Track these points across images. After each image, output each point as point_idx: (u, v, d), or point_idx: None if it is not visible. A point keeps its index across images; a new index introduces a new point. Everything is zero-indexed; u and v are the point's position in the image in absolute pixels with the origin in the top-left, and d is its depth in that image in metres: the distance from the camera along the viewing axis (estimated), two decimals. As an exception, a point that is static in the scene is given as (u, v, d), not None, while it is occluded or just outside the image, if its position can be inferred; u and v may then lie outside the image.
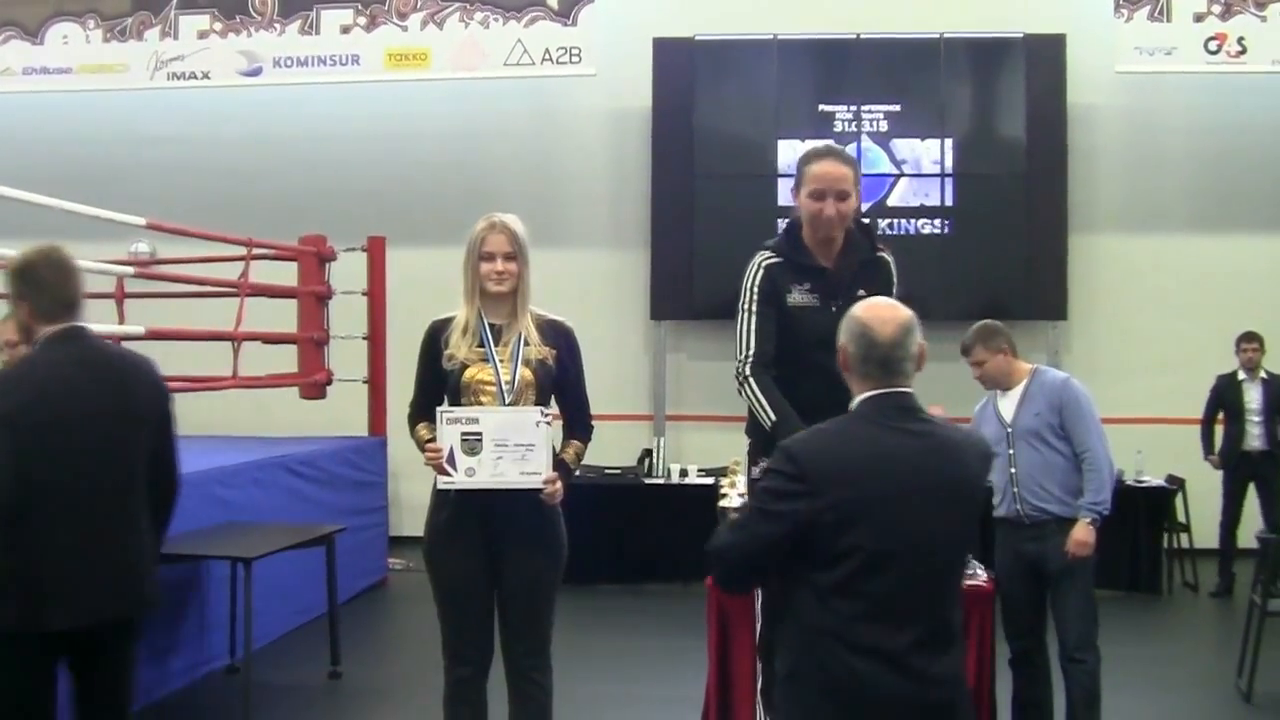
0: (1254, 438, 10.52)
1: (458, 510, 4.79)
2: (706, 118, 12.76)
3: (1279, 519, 10.20)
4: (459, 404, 4.81)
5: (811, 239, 4.94)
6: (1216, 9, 12.28)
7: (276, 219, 12.21)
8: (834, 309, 4.61)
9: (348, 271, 11.20)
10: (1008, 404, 6.31)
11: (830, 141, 6.04)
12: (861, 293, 4.60)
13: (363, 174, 13.30)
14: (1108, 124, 12.92)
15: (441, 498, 4.84)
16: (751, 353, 4.86)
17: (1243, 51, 12.25)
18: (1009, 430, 6.19)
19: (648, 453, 12.27)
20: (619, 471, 11.49)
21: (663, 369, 13.02)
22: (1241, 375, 10.63)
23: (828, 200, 4.81)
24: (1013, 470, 6.13)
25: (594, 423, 5.07)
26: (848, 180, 4.82)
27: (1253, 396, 10.56)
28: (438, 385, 4.88)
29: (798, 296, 4.89)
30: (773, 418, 4.69)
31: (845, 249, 4.94)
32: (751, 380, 4.82)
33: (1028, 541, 6.08)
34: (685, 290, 12.67)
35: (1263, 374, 10.59)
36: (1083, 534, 5.95)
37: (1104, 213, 12.90)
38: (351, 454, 10.46)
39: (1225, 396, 10.69)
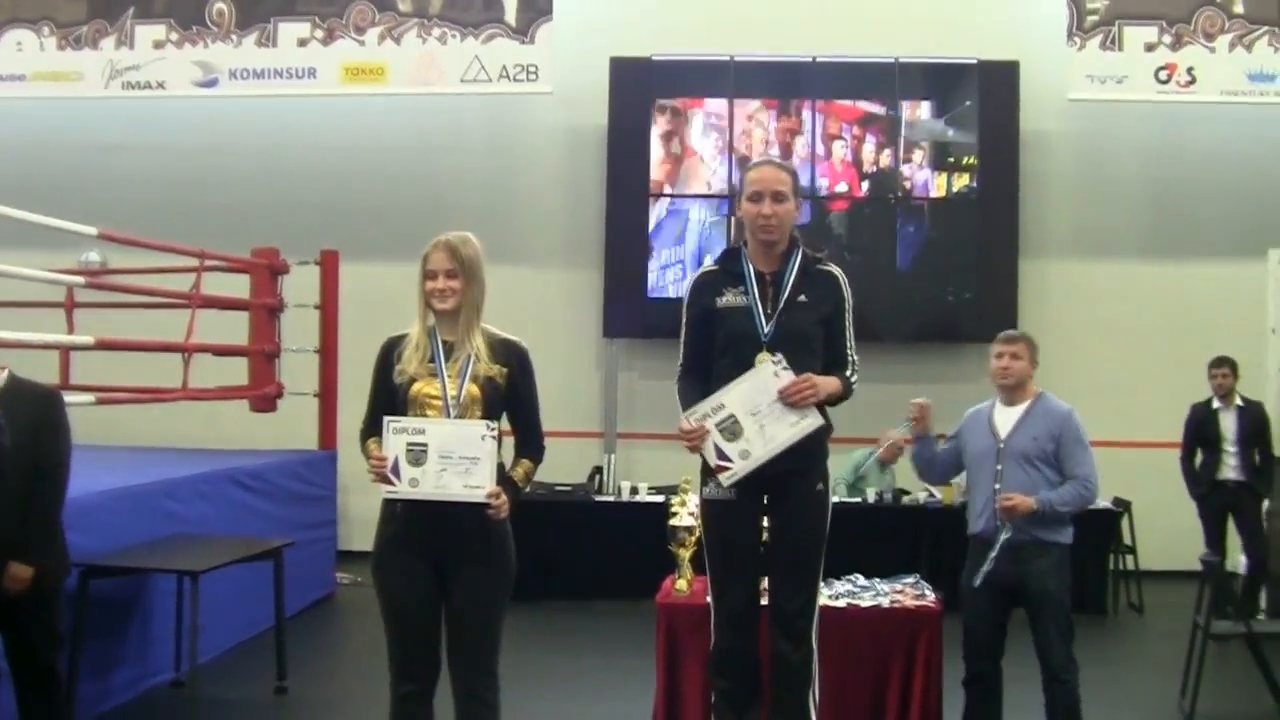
0: (1230, 468, 10.25)
1: (406, 525, 4.77)
2: (661, 136, 12.79)
3: (1260, 550, 10.11)
4: (405, 417, 4.78)
5: (754, 246, 5.20)
6: (1167, 39, 12.41)
7: (229, 231, 12.15)
8: (768, 310, 5.07)
9: (300, 285, 11.14)
10: (1004, 419, 6.18)
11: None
12: (803, 299, 5.07)
13: (317, 187, 13.25)
14: (1060, 150, 13.04)
15: (390, 512, 4.82)
16: (680, 363, 5.33)
17: (1192, 81, 12.39)
18: (1000, 446, 6.08)
19: (598, 470, 12.24)
20: (569, 488, 11.44)
21: (614, 387, 13.00)
22: (1216, 404, 10.33)
23: (765, 201, 5.08)
24: (997, 486, 6.01)
25: (545, 439, 5.05)
26: (784, 183, 5.10)
27: (1228, 425, 10.26)
28: (389, 400, 4.85)
29: (729, 298, 5.16)
30: (682, 413, 5.09)
31: (786, 256, 5.16)
32: (677, 387, 5.29)
33: (1004, 562, 5.97)
34: (637, 309, 12.69)
35: (1238, 401, 10.32)
36: (1023, 501, 5.91)
37: (1055, 238, 13.01)
38: (301, 468, 10.40)
39: (1202, 427, 10.37)
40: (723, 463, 4.97)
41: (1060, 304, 12.83)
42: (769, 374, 4.94)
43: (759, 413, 4.92)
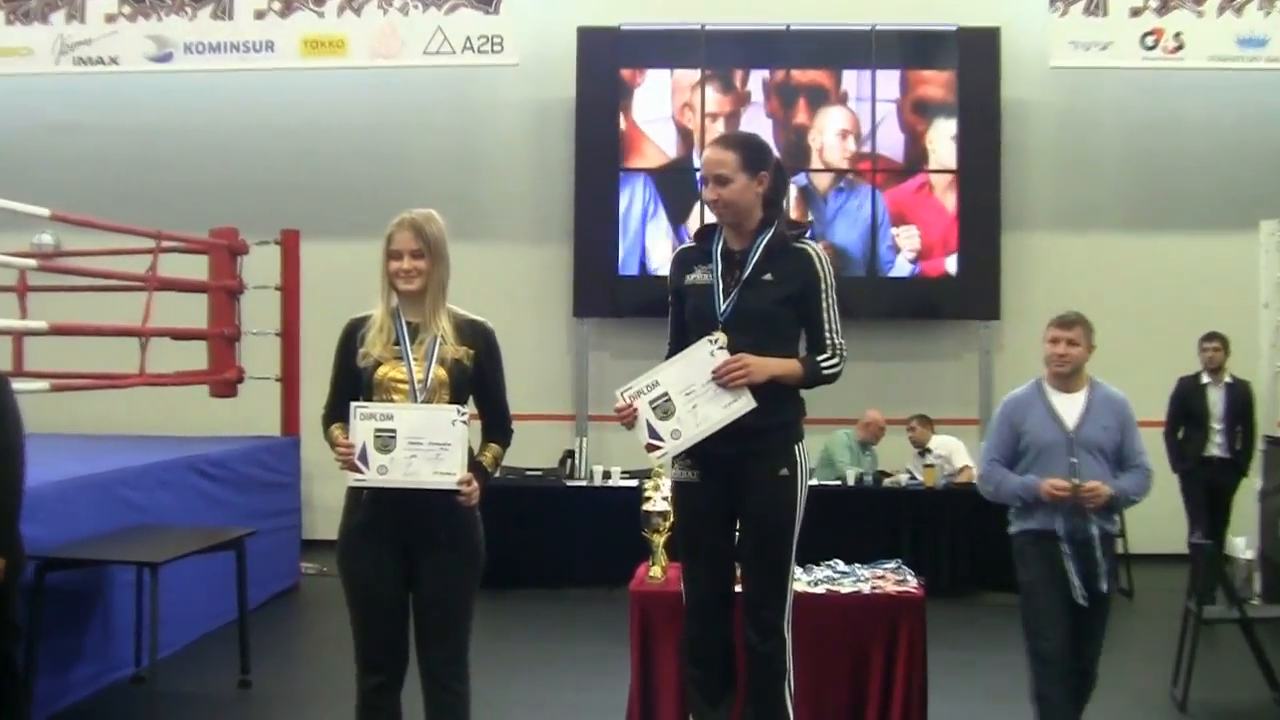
0: (1216, 445, 10.40)
1: (372, 513, 4.77)
2: (632, 109, 12.81)
3: (1222, 530, 10.22)
4: (371, 402, 4.78)
5: (724, 224, 5.21)
6: (1154, 4, 12.41)
7: (187, 211, 12.14)
8: (730, 288, 5.06)
9: (260, 266, 11.10)
10: (1068, 409, 6.00)
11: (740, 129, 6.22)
12: (767, 277, 5.03)
13: (277, 165, 13.24)
14: (1042, 120, 13.08)
15: (355, 500, 4.81)
16: (668, 343, 5.31)
17: (1180, 47, 12.38)
18: (1071, 437, 5.89)
19: (569, 454, 12.26)
20: (539, 473, 11.48)
21: (585, 368, 13.06)
22: (1205, 378, 10.46)
23: (710, 185, 5.08)
24: (1075, 481, 5.78)
25: (515, 423, 5.06)
26: (726, 164, 5.06)
27: (1215, 401, 10.40)
28: (353, 385, 4.84)
29: (697, 275, 5.17)
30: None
31: (756, 234, 5.13)
32: None
33: (1076, 559, 5.80)
34: (609, 287, 12.72)
35: (1227, 378, 10.45)
36: (1105, 488, 5.76)
37: (1037, 210, 13.05)
38: (263, 454, 10.39)
39: (1189, 402, 10.49)
40: (653, 441, 4.98)
41: (1043, 278, 12.86)
42: (706, 353, 4.95)
43: (693, 392, 4.93)
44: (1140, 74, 12.71)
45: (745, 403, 4.91)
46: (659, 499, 6.40)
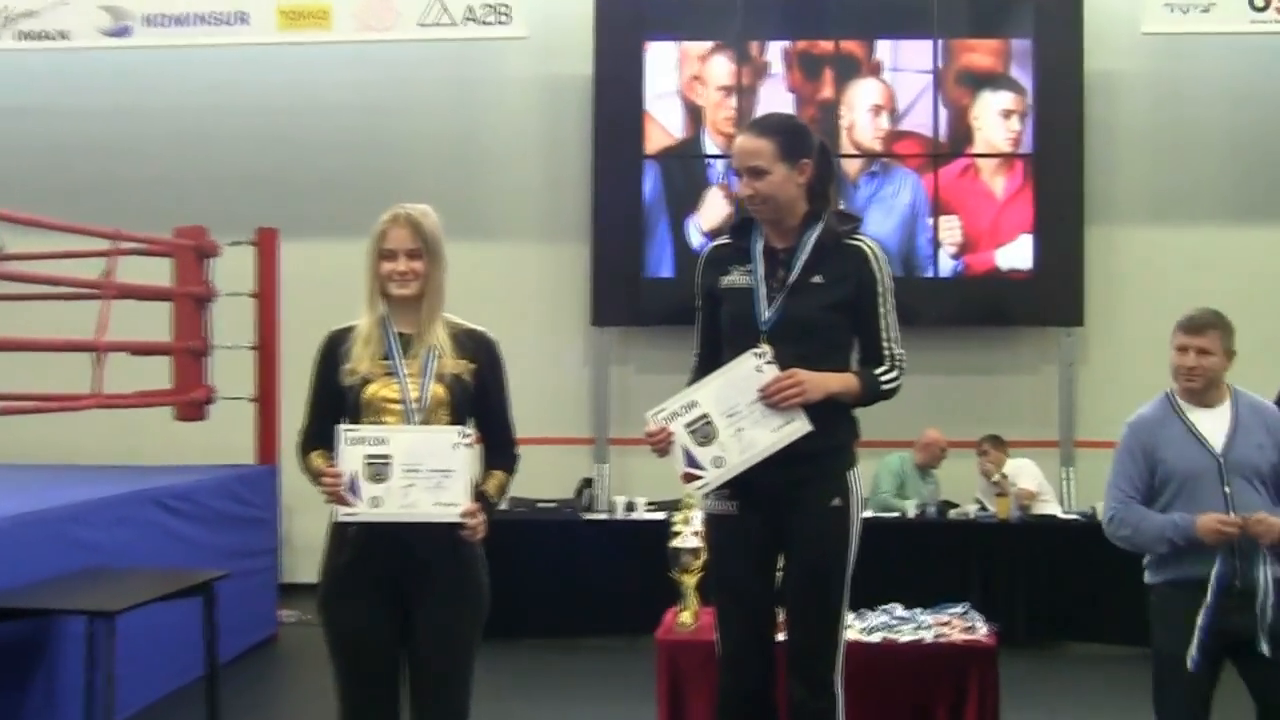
0: None
1: (360, 552, 4.76)
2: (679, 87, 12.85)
3: None
4: (360, 424, 4.78)
5: (762, 221, 5.17)
6: (1263, -42, 12.35)
7: (148, 207, 12.19)
8: (774, 292, 5.02)
9: (233, 269, 11.12)
10: (1212, 426, 5.66)
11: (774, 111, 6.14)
12: (817, 279, 4.99)
13: (251, 154, 13.28)
14: (1132, 94, 13.00)
15: (340, 537, 4.81)
16: (695, 353, 5.31)
17: (1294, 8, 12.30)
18: (1220, 460, 5.56)
19: (588, 483, 12.29)
20: (553, 504, 11.49)
21: (606, 384, 13.06)
22: None
23: (743, 179, 5.06)
24: (1243, 515, 5.37)
25: (523, 448, 5.06)
26: (762, 154, 5.01)
27: None
28: (335, 406, 4.84)
29: (735, 277, 5.13)
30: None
31: (802, 230, 5.10)
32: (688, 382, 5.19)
33: (1234, 612, 5.41)
34: (633, 291, 12.72)
35: None
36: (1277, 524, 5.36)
37: (1127, 199, 12.98)
38: (236, 486, 10.41)
39: None
40: (692, 470, 4.94)
41: (1134, 278, 12.82)
42: (750, 369, 4.90)
43: (736, 414, 4.89)
44: (1247, 39, 12.58)
45: (799, 425, 4.87)
46: (690, 534, 6.41)
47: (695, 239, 12.63)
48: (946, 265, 12.68)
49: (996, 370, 12.89)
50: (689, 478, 4.96)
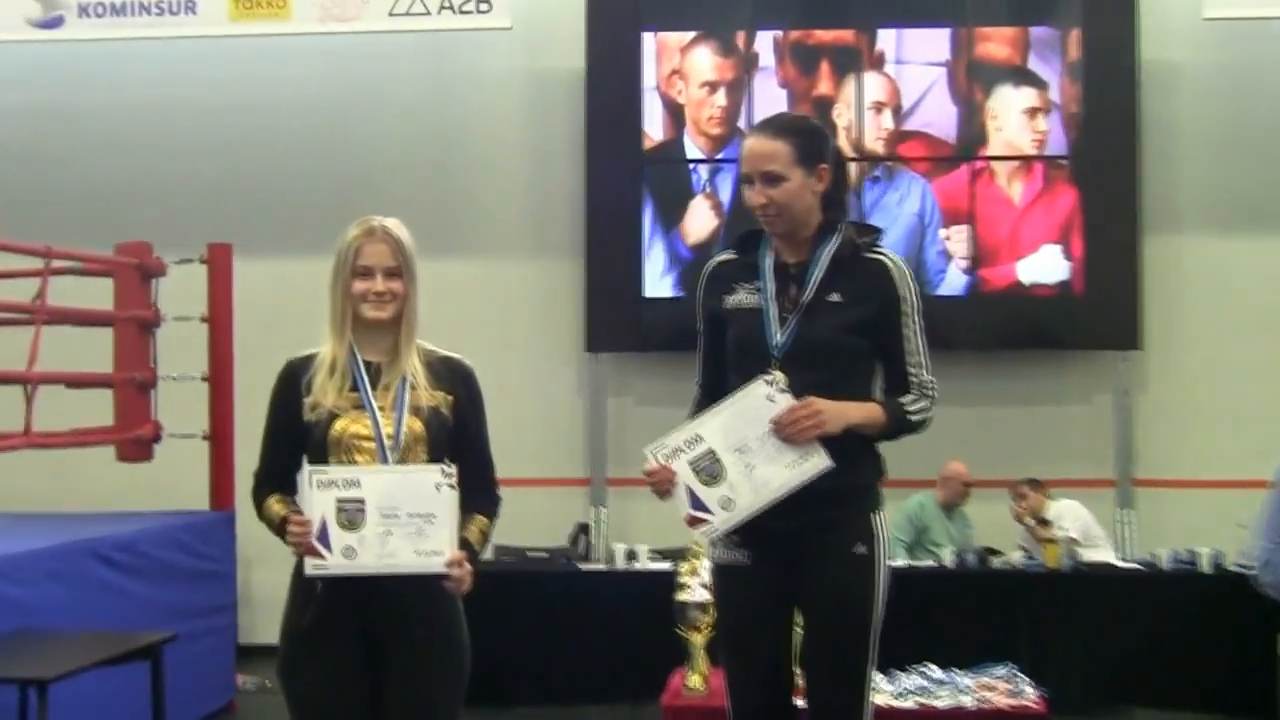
0: None
1: (326, 608, 4.76)
2: (658, 83, 12.87)
3: None
4: (327, 465, 4.78)
5: (774, 234, 5.13)
6: (1345, -68, 12.31)
7: (85, 221, 12.21)
8: (785, 313, 4.98)
9: (181, 291, 11.12)
10: None
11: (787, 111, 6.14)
12: (835, 298, 4.94)
13: (201, 161, 13.28)
14: (1194, 88, 12.99)
15: (305, 593, 4.80)
16: (696, 382, 5.33)
17: (1380, -11, 12.30)
18: None
19: (583, 529, 12.22)
20: (544, 554, 11.41)
21: (602, 417, 13.06)
22: None
23: (755, 186, 5.00)
24: None
25: (511, 490, 5.06)
26: (777, 158, 4.97)
27: None
28: (295, 445, 4.85)
29: (742, 296, 5.10)
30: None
31: (816, 243, 5.07)
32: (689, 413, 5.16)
33: None
34: (632, 312, 12.71)
35: None
36: None
37: (1190, 205, 12.96)
38: (187, 535, 10.38)
39: None
40: (698, 513, 4.89)
41: (1199, 294, 12.81)
42: (761, 398, 4.85)
43: (746, 449, 4.84)
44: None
45: (818, 461, 4.82)
46: (698, 587, 6.42)
47: (680, 254, 12.70)
48: (961, 281, 12.68)
49: (1040, 400, 12.85)
50: (694, 522, 4.91)
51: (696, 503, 4.89)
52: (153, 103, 13.42)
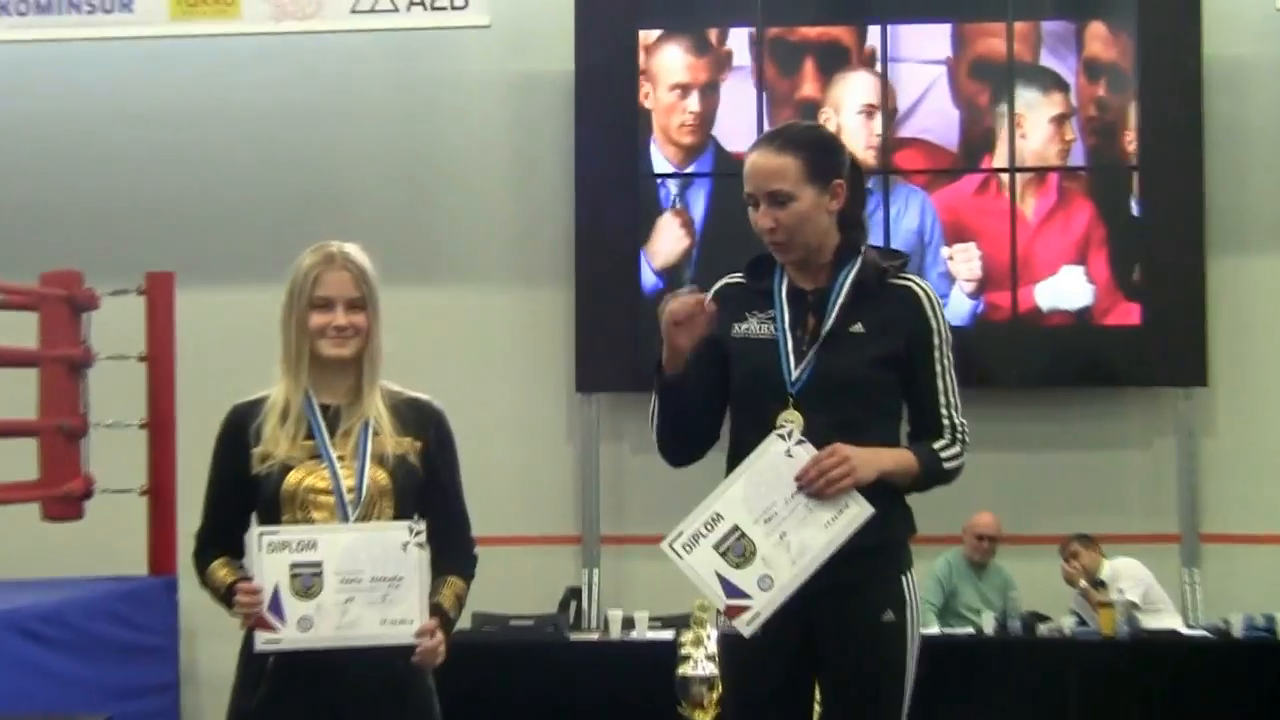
0: None
1: (279, 688, 4.73)
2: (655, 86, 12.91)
3: None
4: (279, 523, 4.74)
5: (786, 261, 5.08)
6: None
7: (5, 247, 12.20)
8: (801, 346, 4.91)
9: (115, 326, 11.11)
10: None
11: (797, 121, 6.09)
12: (858, 329, 4.87)
13: (138, 178, 13.28)
14: (1265, 88, 12.99)
15: (254, 671, 4.77)
16: None
17: None
18: None
19: (574, 594, 12.22)
20: (530, 621, 11.40)
21: (594, 465, 12.99)
22: None
23: (761, 208, 4.94)
24: None
25: (493, 550, 5.05)
26: (785, 175, 4.91)
27: None
28: (242, 501, 4.82)
29: (751, 325, 5.04)
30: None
31: (835, 268, 5.03)
32: None
33: None
34: (627, 347, 12.68)
35: None
36: None
37: (1261, 221, 12.95)
38: (123, 604, 10.37)
39: None
40: (735, 601, 4.77)
41: (1272, 323, 12.79)
42: (778, 455, 4.77)
43: (774, 516, 4.73)
44: None
45: (858, 511, 4.72)
46: (703, 659, 6.41)
47: (647, 278, 12.74)
48: (966, 306, 12.60)
49: (1092, 444, 12.76)
50: (734, 612, 4.77)
51: (731, 589, 4.76)
52: (84, 112, 13.41)
